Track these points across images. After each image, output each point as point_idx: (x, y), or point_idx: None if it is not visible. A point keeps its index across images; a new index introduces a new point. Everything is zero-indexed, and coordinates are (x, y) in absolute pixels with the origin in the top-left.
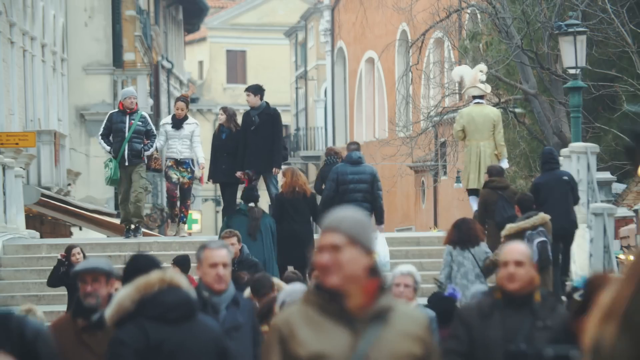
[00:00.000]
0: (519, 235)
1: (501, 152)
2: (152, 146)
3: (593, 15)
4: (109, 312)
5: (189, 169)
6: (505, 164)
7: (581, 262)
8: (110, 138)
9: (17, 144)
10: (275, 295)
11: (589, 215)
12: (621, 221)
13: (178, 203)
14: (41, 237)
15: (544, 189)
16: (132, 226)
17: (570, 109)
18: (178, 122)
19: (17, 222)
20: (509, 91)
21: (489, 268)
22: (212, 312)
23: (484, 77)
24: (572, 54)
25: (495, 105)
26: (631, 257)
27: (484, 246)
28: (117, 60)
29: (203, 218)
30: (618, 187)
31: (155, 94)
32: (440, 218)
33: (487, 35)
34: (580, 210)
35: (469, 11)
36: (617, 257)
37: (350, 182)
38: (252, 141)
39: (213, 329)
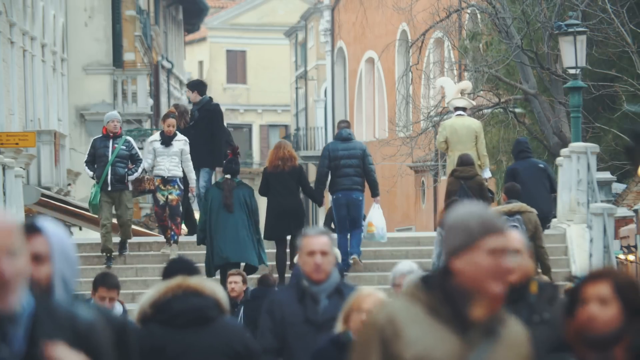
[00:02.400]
0: None
1: (484, 162)
2: (136, 171)
3: (593, 15)
4: (135, 313)
5: (176, 186)
6: (487, 174)
7: (581, 262)
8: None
9: (17, 144)
10: None
11: (589, 215)
12: (621, 221)
13: (169, 223)
14: None
15: (521, 175)
16: (112, 254)
17: (570, 109)
18: (167, 140)
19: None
20: (509, 91)
21: None
22: (311, 302)
23: (469, 88)
24: (572, 54)
25: (495, 105)
26: (631, 258)
27: None
28: (117, 60)
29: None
30: (618, 187)
31: (155, 94)
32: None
33: (487, 35)
34: (580, 210)
35: (469, 11)
36: (617, 257)
37: (341, 157)
38: (191, 137)
39: (231, 333)
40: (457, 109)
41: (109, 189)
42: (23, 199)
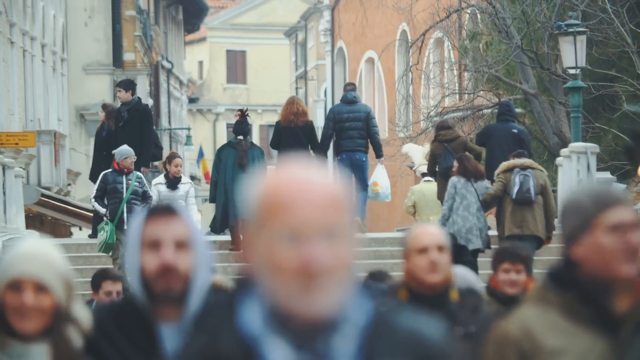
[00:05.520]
0: (509, 171)
1: None
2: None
3: (593, 15)
4: None
5: None
6: None
7: None
8: (105, 200)
9: (17, 144)
10: None
11: None
12: None
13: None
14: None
15: (494, 136)
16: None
17: (570, 109)
18: (174, 182)
19: (17, 222)
20: (509, 91)
21: (487, 201)
22: None
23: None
24: (572, 54)
25: (495, 105)
26: None
27: (485, 182)
28: (117, 60)
29: (203, 218)
30: (618, 187)
31: (155, 94)
32: None
33: (487, 35)
34: None
35: (469, 11)
36: None
37: (346, 120)
38: (120, 138)
39: None
40: (424, 174)
41: (125, 227)
42: (23, 199)
